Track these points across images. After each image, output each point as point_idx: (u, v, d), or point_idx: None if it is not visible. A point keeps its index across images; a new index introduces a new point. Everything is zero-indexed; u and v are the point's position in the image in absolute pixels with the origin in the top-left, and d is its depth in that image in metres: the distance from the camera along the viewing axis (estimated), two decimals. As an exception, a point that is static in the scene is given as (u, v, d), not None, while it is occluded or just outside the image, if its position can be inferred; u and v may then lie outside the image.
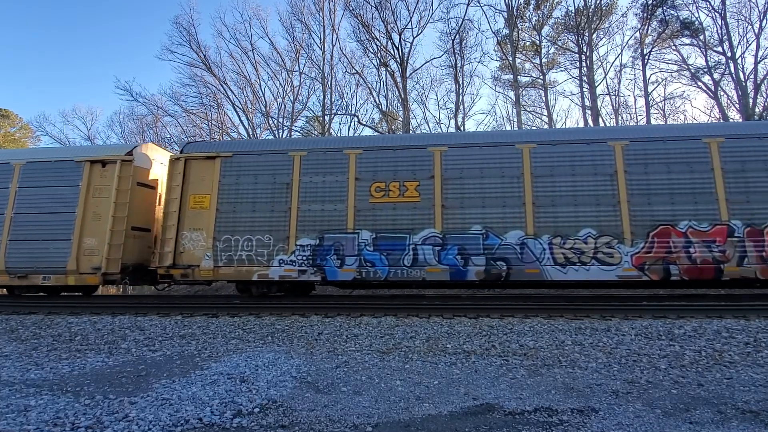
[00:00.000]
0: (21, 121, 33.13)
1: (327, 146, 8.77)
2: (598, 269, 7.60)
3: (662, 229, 7.64)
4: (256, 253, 8.26)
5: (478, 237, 7.89)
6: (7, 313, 7.50)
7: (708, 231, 7.55)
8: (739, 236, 7.47)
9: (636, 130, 8.78)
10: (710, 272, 7.42)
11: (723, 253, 7.44)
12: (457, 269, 7.80)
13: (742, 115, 19.22)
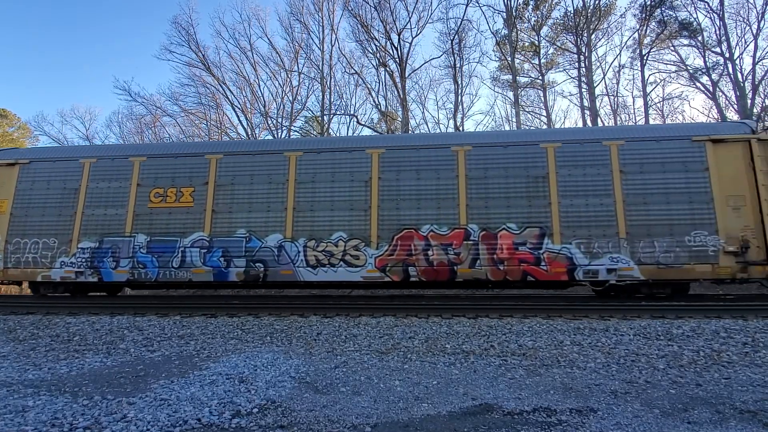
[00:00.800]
0: (19, 120, 33.06)
1: (114, 154, 9.20)
2: (345, 270, 8.04)
3: (406, 232, 8.09)
4: (41, 255, 8.62)
5: (241, 240, 8.32)
6: (4, 313, 7.47)
7: (447, 234, 8.00)
8: (475, 239, 7.91)
9: (389, 139, 9.71)
10: (445, 273, 7.87)
11: (458, 255, 7.88)
12: (220, 270, 8.22)
13: (741, 115, 19.27)
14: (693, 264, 7.47)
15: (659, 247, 7.58)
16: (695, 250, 7.52)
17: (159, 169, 8.85)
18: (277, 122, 24.12)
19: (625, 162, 7.98)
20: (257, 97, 24.91)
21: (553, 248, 7.75)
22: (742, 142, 7.86)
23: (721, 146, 7.89)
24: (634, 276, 7.58)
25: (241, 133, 24.43)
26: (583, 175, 8.00)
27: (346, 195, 8.34)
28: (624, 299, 8.01)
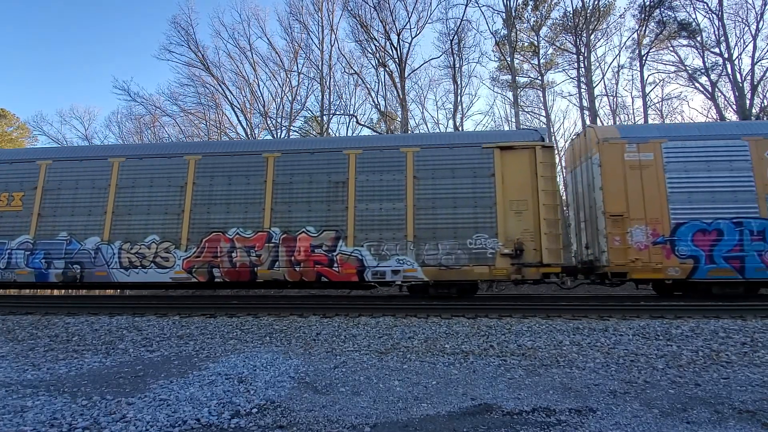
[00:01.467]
0: (18, 120, 33.01)
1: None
2: (155, 272, 8.37)
3: (214, 235, 8.45)
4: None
5: (62, 243, 8.66)
6: (3, 313, 7.46)
7: (251, 237, 8.38)
8: (276, 242, 8.30)
9: (206, 146, 10.16)
10: (246, 274, 8.26)
11: (259, 257, 8.26)
12: (41, 272, 8.56)
13: (739, 116, 19.30)
14: (472, 266, 7.85)
15: (442, 250, 7.96)
16: (475, 252, 7.89)
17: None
18: (276, 122, 24.13)
19: (419, 168, 8.36)
20: (257, 97, 24.93)
21: (346, 250, 8.11)
22: (529, 149, 8.23)
23: (509, 153, 8.27)
24: (417, 277, 7.96)
25: (240, 133, 24.45)
26: (380, 180, 8.39)
27: (162, 199, 8.70)
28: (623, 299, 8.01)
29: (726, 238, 7.69)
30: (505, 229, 7.92)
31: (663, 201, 7.88)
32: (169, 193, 8.70)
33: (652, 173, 8.01)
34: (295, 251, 8.19)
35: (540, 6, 23.25)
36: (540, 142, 8.25)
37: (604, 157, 8.24)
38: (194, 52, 24.29)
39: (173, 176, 8.79)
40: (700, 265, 7.64)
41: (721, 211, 7.79)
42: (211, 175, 8.75)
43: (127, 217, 8.66)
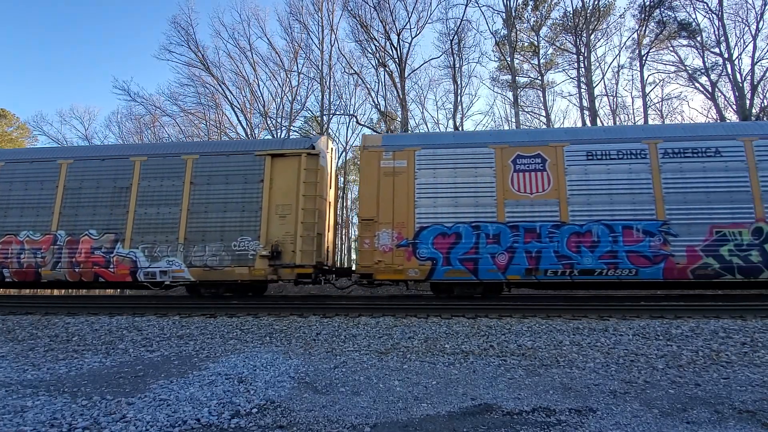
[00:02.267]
0: (18, 120, 33.01)
1: None
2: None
3: (8, 237, 8.96)
4: None
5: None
6: (3, 313, 7.46)
7: (39, 240, 8.91)
8: (60, 244, 8.81)
9: (7, 154, 10.46)
10: (32, 275, 8.79)
11: (44, 258, 8.79)
12: None
13: (739, 116, 19.30)
14: (234, 266, 8.40)
15: (209, 251, 8.52)
16: (238, 254, 8.45)
17: None
18: (276, 122, 24.13)
19: (197, 174, 8.91)
20: (256, 97, 24.93)
21: (122, 252, 8.67)
22: (297, 156, 8.79)
23: (280, 160, 8.82)
24: (185, 277, 8.52)
25: (240, 133, 24.44)
26: (161, 186, 8.94)
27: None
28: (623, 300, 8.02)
29: (464, 241, 8.07)
30: (268, 232, 8.44)
31: (410, 206, 8.32)
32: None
33: (404, 180, 8.45)
34: (77, 253, 8.74)
35: (540, 6, 23.25)
36: (306, 150, 8.80)
37: (362, 164, 8.85)
38: (194, 52, 24.30)
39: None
40: (438, 267, 8.02)
41: (463, 215, 8.20)
42: (9, 180, 9.26)
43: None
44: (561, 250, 7.85)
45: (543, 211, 8.06)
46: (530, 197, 8.14)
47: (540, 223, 8.01)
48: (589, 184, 8.11)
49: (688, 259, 7.67)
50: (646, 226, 7.82)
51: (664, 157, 8.09)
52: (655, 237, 7.76)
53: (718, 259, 7.62)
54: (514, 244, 7.95)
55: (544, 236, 7.93)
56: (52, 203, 9.02)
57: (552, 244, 7.89)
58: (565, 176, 8.16)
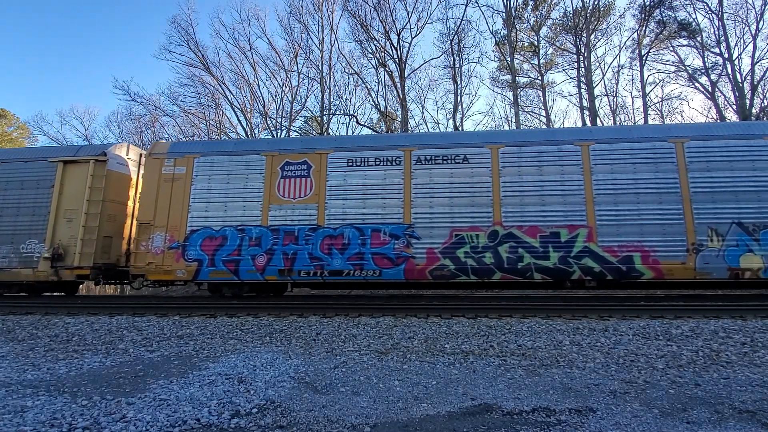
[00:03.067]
0: (18, 120, 33.01)
1: None
2: None
3: None
4: None
5: None
6: (3, 313, 7.46)
7: None
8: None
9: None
10: None
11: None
12: None
13: (739, 116, 19.31)
14: (21, 268, 8.72)
15: (0, 254, 8.85)
16: (25, 256, 8.80)
17: None
18: (276, 122, 24.12)
19: (6, 180, 9.28)
20: (256, 97, 24.89)
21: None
22: (87, 163, 9.11)
23: (72, 167, 9.15)
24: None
25: (240, 133, 24.43)
26: (21, 193, 9.18)
27: None
28: (623, 300, 8.02)
29: (229, 243, 8.43)
30: (54, 235, 8.81)
31: (185, 211, 8.65)
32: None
33: (181, 185, 8.79)
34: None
35: (540, 6, 23.26)
36: (95, 157, 9.12)
37: (145, 170, 9.19)
38: (194, 52, 24.28)
39: None
40: (203, 268, 8.32)
41: (231, 219, 8.56)
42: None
43: None
44: (314, 252, 8.24)
45: (303, 215, 8.47)
46: (293, 202, 8.57)
47: (299, 227, 8.40)
48: (347, 190, 8.50)
49: (428, 261, 8.01)
50: (393, 229, 8.21)
51: (416, 164, 8.49)
52: (400, 240, 8.15)
53: (454, 261, 7.97)
54: (274, 247, 8.32)
55: (301, 239, 8.33)
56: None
57: (307, 247, 8.28)
58: (326, 182, 8.59)
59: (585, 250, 7.81)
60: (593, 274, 7.78)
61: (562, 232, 7.91)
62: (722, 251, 7.60)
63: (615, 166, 8.10)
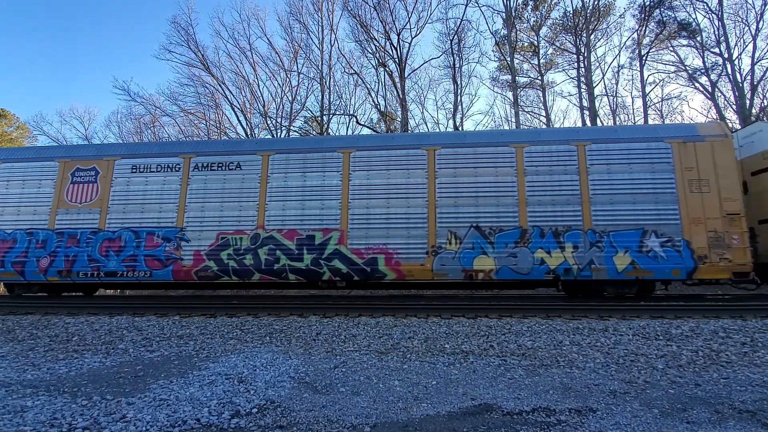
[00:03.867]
0: (18, 120, 33.00)
1: None
2: None
3: None
4: None
5: None
6: (3, 313, 7.46)
7: None
8: None
9: None
10: None
11: None
12: None
13: (739, 116, 19.31)
14: None
15: None
16: None
17: None
18: (276, 122, 24.12)
19: None
20: (256, 97, 24.90)
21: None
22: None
23: None
24: None
25: (240, 133, 24.43)
26: None
27: None
28: (623, 299, 8.03)
29: (18, 245, 8.91)
30: None
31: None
32: None
33: None
34: None
35: (540, 6, 23.27)
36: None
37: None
38: (194, 52, 24.27)
39: None
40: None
41: (23, 222, 9.00)
42: None
43: None
44: (93, 254, 8.72)
45: (87, 219, 8.91)
46: (79, 206, 9.01)
47: (82, 230, 8.86)
48: (128, 195, 8.99)
49: (194, 262, 8.50)
50: (166, 232, 8.71)
51: (194, 170, 9.01)
52: (171, 242, 8.63)
53: (218, 262, 8.45)
54: (57, 249, 8.79)
55: (83, 242, 8.79)
56: None
57: (87, 249, 8.73)
58: (111, 188, 9.05)
59: (335, 252, 8.26)
60: (341, 274, 8.24)
61: (317, 235, 8.38)
62: (459, 253, 8.01)
63: (371, 173, 8.61)
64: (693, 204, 7.78)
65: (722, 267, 7.51)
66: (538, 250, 7.87)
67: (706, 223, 7.66)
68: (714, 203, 7.73)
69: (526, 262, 7.85)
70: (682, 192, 7.85)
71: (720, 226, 7.64)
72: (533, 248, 7.89)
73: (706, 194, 7.80)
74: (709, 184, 7.83)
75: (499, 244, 7.94)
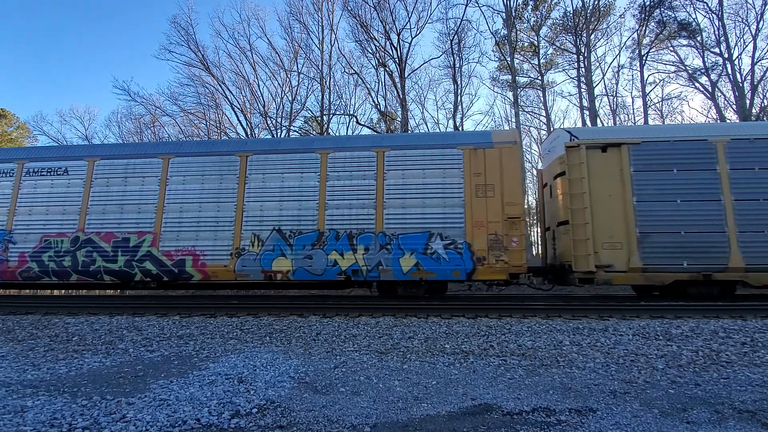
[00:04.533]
0: (18, 120, 33.02)
1: None
2: None
3: None
4: None
5: None
6: (3, 313, 7.46)
7: None
8: None
9: None
10: None
11: None
12: None
13: (739, 116, 19.31)
14: None
15: None
16: None
17: None
18: (276, 122, 24.11)
19: None
20: (256, 97, 24.88)
21: None
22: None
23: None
24: None
25: (240, 133, 24.42)
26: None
27: None
28: (623, 300, 8.03)
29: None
30: None
31: None
32: None
33: None
34: None
35: (540, 6, 23.27)
36: None
37: None
38: (194, 52, 24.24)
39: None
40: None
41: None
42: None
43: None
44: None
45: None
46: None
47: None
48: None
49: (19, 263, 8.80)
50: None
51: (26, 176, 9.24)
52: (0, 244, 8.91)
53: (39, 264, 8.73)
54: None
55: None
56: None
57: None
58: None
59: (147, 254, 8.57)
60: (152, 276, 8.53)
61: (132, 238, 8.70)
62: (260, 255, 8.34)
63: (187, 178, 8.94)
64: (477, 208, 8.09)
65: (499, 268, 7.86)
66: (332, 252, 8.19)
67: (488, 227, 7.99)
68: (497, 207, 8.05)
69: (320, 263, 8.18)
70: (469, 196, 8.16)
71: (500, 229, 7.97)
72: (328, 250, 8.21)
73: (490, 198, 8.11)
74: (494, 189, 8.15)
75: (297, 246, 8.30)
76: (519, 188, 8.20)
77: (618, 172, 8.04)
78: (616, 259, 7.78)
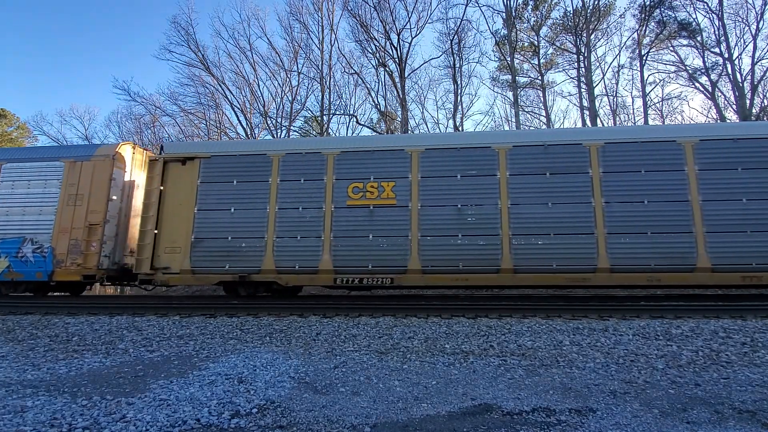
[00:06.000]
0: (18, 120, 33.02)
1: None
2: None
3: None
4: None
5: None
6: (3, 313, 7.46)
7: None
8: None
9: None
10: None
11: None
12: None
13: (739, 116, 19.31)
14: None
15: None
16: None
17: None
18: (276, 122, 24.12)
19: None
20: (256, 97, 24.89)
21: None
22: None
23: None
24: None
25: (240, 133, 24.43)
26: None
27: None
28: (623, 300, 8.03)
29: None
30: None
31: None
32: None
33: None
34: None
35: (540, 6, 23.27)
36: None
37: None
38: (194, 52, 24.27)
39: None
40: None
41: None
42: None
43: None
44: None
45: None
46: None
47: None
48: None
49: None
50: None
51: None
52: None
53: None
54: None
55: None
56: None
57: None
58: None
59: None
60: None
61: None
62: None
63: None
64: (66, 215, 9.02)
65: (74, 270, 8.76)
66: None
67: (72, 232, 8.89)
68: (82, 215, 8.97)
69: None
70: (62, 205, 9.08)
71: (81, 234, 8.85)
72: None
73: (79, 207, 9.04)
74: (83, 198, 9.07)
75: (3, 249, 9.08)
76: (104, 198, 9.06)
77: (190, 183, 8.84)
78: (174, 261, 8.52)
